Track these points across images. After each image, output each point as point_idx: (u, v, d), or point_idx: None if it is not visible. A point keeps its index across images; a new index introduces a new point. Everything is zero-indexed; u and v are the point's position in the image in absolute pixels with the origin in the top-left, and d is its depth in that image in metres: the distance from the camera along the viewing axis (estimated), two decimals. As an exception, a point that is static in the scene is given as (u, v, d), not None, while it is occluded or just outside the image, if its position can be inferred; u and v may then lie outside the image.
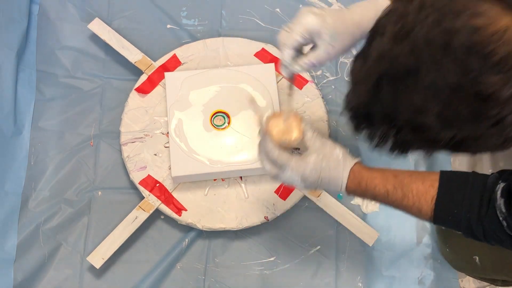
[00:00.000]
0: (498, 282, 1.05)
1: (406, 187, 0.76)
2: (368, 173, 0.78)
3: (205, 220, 1.08)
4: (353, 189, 0.79)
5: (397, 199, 0.76)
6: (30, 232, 1.10)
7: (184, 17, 1.26)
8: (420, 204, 0.75)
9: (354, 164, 0.78)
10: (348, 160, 0.79)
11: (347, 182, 0.78)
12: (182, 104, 1.11)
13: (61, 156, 1.15)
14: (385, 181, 0.77)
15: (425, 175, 0.77)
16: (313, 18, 0.78)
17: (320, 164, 0.78)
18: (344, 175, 0.78)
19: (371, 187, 0.77)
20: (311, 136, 0.81)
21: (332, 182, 0.78)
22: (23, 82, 1.18)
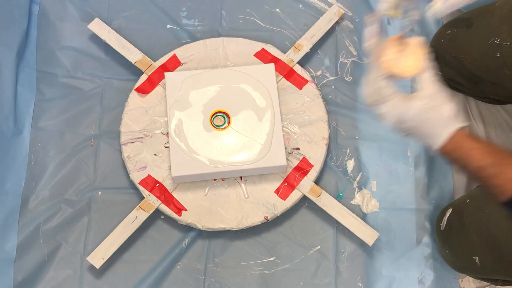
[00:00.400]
0: (498, 282, 1.05)
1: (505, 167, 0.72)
2: (469, 143, 0.73)
3: (205, 220, 1.08)
4: (446, 152, 0.74)
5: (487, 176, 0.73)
6: (30, 232, 1.10)
7: (184, 17, 1.26)
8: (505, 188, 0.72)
9: (459, 128, 0.74)
10: (454, 122, 0.74)
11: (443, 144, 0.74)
12: (182, 104, 1.11)
13: (61, 156, 1.15)
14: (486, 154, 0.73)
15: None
16: None
17: (423, 114, 0.73)
18: (444, 136, 0.73)
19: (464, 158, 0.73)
20: (427, 78, 0.75)
21: (428, 137, 0.74)
22: (23, 82, 1.18)
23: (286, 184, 1.10)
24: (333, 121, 1.19)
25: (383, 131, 1.19)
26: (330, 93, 1.21)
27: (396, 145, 1.19)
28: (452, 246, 1.04)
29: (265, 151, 1.08)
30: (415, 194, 1.15)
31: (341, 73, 1.23)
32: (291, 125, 1.14)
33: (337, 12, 1.23)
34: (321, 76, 1.23)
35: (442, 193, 1.16)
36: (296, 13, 1.26)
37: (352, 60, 1.24)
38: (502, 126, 1.22)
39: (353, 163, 1.16)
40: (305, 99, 1.16)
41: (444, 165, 1.18)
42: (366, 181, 1.16)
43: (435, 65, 0.69)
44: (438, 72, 1.17)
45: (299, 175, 1.10)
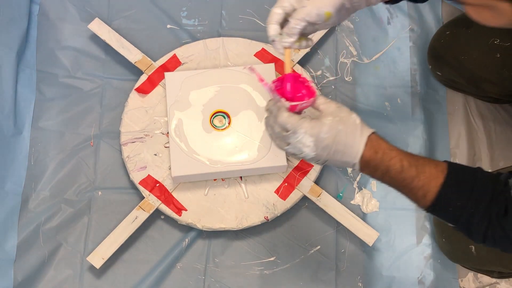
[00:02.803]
0: (494, 274, 1.05)
1: (421, 167, 0.73)
2: (385, 144, 0.74)
3: (205, 220, 1.08)
4: (367, 159, 0.73)
5: (409, 177, 0.73)
6: (30, 232, 1.10)
7: (184, 17, 1.26)
8: (428, 187, 0.73)
9: (372, 133, 0.74)
10: (366, 128, 0.74)
11: (363, 150, 0.73)
12: (182, 104, 1.11)
13: (61, 156, 1.15)
14: (402, 155, 0.74)
15: (437, 162, 0.75)
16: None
17: (336, 126, 0.72)
18: (362, 141, 0.73)
19: (387, 159, 0.73)
20: (325, 100, 0.76)
21: (347, 148, 0.73)
22: (23, 82, 1.18)
23: (286, 184, 1.10)
24: (333, 121, 1.19)
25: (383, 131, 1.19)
26: (330, 93, 1.21)
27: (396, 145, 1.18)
28: (449, 235, 1.04)
29: (265, 151, 1.08)
30: (415, 194, 1.15)
31: (341, 73, 1.23)
32: (291, 125, 1.14)
33: (337, 12, 1.23)
34: (321, 76, 1.23)
35: (442, 193, 1.15)
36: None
37: (352, 60, 1.24)
38: (502, 125, 1.22)
39: None
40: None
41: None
42: (366, 181, 1.16)
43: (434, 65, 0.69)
44: (438, 72, 1.18)
45: (299, 175, 1.10)
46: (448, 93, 1.24)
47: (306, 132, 0.73)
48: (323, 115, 0.74)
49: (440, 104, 1.23)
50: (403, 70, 1.24)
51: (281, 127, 0.74)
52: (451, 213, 0.74)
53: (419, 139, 1.19)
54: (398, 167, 0.73)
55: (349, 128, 0.73)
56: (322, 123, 0.73)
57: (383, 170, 0.74)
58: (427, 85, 1.23)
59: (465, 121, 1.22)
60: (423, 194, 0.74)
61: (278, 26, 0.79)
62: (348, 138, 0.73)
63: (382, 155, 0.73)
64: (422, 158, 0.75)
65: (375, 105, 1.21)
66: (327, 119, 0.73)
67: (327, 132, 0.72)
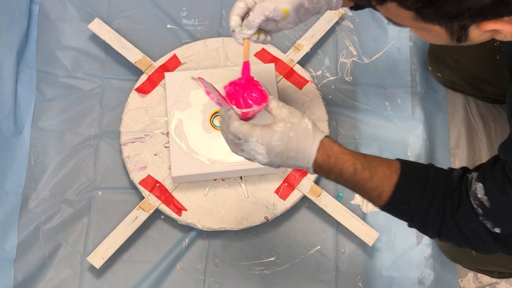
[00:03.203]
0: (494, 274, 1.05)
1: (374, 169, 0.74)
2: (338, 148, 0.74)
3: (205, 220, 1.08)
4: (320, 164, 0.73)
5: (363, 179, 0.74)
6: (30, 232, 1.10)
7: (184, 17, 1.26)
8: (382, 187, 0.74)
9: (324, 137, 0.74)
10: (318, 132, 0.74)
11: (316, 155, 0.73)
12: (182, 104, 1.11)
13: (61, 156, 1.15)
14: (355, 159, 0.74)
15: (390, 162, 0.76)
16: None
17: (287, 133, 0.72)
18: (314, 146, 0.73)
19: (340, 163, 0.74)
20: (276, 104, 0.75)
21: (300, 154, 0.73)
22: (23, 82, 1.18)
23: (286, 184, 1.10)
24: (333, 121, 1.19)
25: (383, 131, 1.19)
26: (330, 93, 1.21)
27: (396, 145, 1.19)
28: None
29: (265, 151, 1.08)
30: (415, 194, 1.15)
31: (341, 73, 1.23)
32: (291, 125, 1.14)
33: (337, 12, 1.23)
34: (321, 76, 1.23)
35: (442, 193, 1.15)
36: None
37: (352, 60, 1.24)
38: (502, 126, 1.22)
39: None
40: (305, 99, 1.16)
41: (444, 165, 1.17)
42: (366, 181, 1.16)
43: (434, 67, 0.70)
44: (438, 74, 1.18)
45: (299, 175, 1.10)
46: (448, 93, 1.24)
47: (257, 141, 0.72)
48: (275, 121, 0.73)
49: (440, 104, 1.23)
50: (403, 70, 1.24)
51: (233, 135, 0.74)
52: (406, 211, 0.75)
53: (419, 139, 1.19)
54: (351, 170, 0.74)
55: (300, 134, 0.73)
56: (273, 131, 0.72)
57: (337, 173, 0.74)
58: (427, 85, 1.23)
59: (465, 121, 1.22)
60: (377, 194, 0.75)
61: (239, 18, 0.82)
62: (300, 144, 0.73)
63: (335, 159, 0.74)
64: (375, 159, 0.76)
65: (375, 105, 1.21)
66: (278, 126, 0.72)
67: (279, 140, 0.72)
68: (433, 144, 1.20)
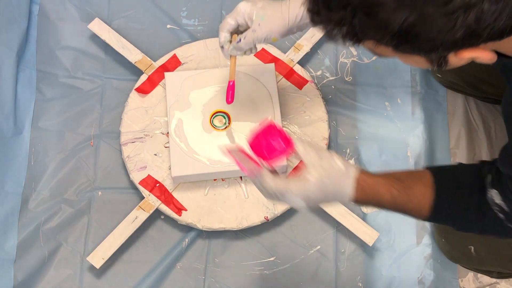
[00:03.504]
0: (493, 274, 1.05)
1: (410, 190, 0.75)
2: (372, 179, 0.75)
3: (205, 220, 1.08)
4: (358, 199, 0.75)
5: (402, 202, 0.75)
6: (30, 232, 1.10)
7: (184, 17, 1.26)
8: (422, 205, 0.76)
9: (357, 173, 0.75)
10: (350, 169, 0.74)
11: (353, 192, 0.74)
12: (182, 104, 1.11)
13: (61, 156, 1.15)
14: (390, 185, 0.75)
15: (422, 176, 0.77)
16: (245, 3, 0.87)
17: (322, 179, 0.72)
18: (350, 186, 0.73)
19: (377, 193, 0.75)
20: (303, 149, 0.75)
21: (337, 195, 0.74)
22: (23, 82, 1.18)
23: (286, 184, 1.10)
24: (333, 121, 1.19)
25: (383, 131, 1.19)
26: (330, 93, 1.21)
27: (396, 145, 1.19)
28: (448, 235, 1.04)
29: (265, 151, 1.08)
30: (415, 194, 1.15)
31: (341, 73, 1.23)
32: (291, 125, 1.14)
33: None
34: (321, 76, 1.23)
35: (442, 193, 1.15)
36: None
37: (352, 60, 1.24)
38: (502, 126, 1.22)
39: (353, 163, 1.16)
40: (305, 99, 1.16)
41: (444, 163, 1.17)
42: (366, 181, 1.16)
43: None
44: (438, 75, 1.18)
45: (299, 175, 1.10)
46: (448, 93, 1.24)
47: (294, 194, 0.73)
48: (306, 168, 0.73)
49: (440, 104, 1.23)
50: (403, 70, 1.24)
51: (269, 193, 0.75)
52: (448, 220, 0.77)
53: (419, 139, 1.19)
54: (389, 197, 0.75)
55: (334, 177, 0.73)
56: (307, 182, 0.72)
57: (375, 203, 0.76)
58: (427, 85, 1.23)
59: (465, 121, 1.22)
60: (418, 212, 0.77)
61: (228, 34, 0.89)
62: (336, 187, 0.73)
63: (371, 191, 0.74)
64: (407, 177, 0.77)
65: (375, 105, 1.21)
66: (311, 175, 0.72)
67: (314, 190, 0.72)
68: (433, 144, 1.20)
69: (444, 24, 0.52)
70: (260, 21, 0.85)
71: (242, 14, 0.87)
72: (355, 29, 0.56)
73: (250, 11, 0.86)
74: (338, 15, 0.56)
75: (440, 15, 0.52)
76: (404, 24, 0.53)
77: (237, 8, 0.88)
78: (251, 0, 0.87)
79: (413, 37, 0.55)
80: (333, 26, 0.58)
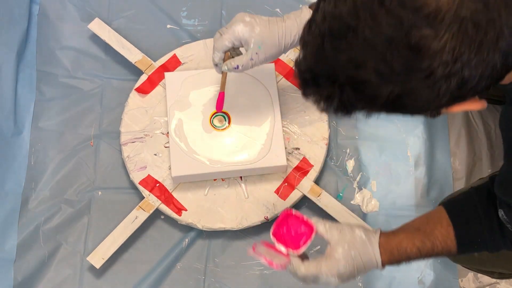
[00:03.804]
0: (495, 275, 1.05)
1: (432, 236, 0.80)
2: (394, 239, 0.80)
3: (205, 220, 1.08)
4: (387, 262, 0.80)
5: (428, 251, 0.80)
6: (30, 232, 1.10)
7: (184, 17, 1.26)
8: (447, 246, 0.80)
9: (379, 238, 0.80)
10: (372, 236, 0.80)
11: (381, 258, 0.79)
12: (182, 104, 1.11)
13: (61, 156, 1.15)
14: (412, 239, 0.80)
15: (437, 215, 0.82)
16: (243, 27, 0.87)
17: (349, 254, 0.78)
18: (376, 254, 0.79)
19: (404, 251, 0.79)
20: (324, 228, 0.80)
21: (367, 265, 0.79)
22: (23, 82, 1.18)
23: (286, 184, 1.10)
24: (333, 121, 1.19)
25: (383, 131, 1.19)
26: (330, 93, 1.21)
27: (396, 145, 1.19)
28: None
29: (265, 151, 1.08)
30: (415, 194, 1.15)
31: (341, 73, 1.23)
32: (291, 125, 1.14)
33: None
34: (321, 76, 1.22)
35: (442, 193, 1.16)
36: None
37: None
38: (502, 126, 1.22)
39: (353, 163, 1.16)
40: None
41: (444, 165, 1.18)
42: (366, 181, 1.16)
43: None
44: None
45: (299, 175, 1.10)
46: (448, 93, 1.23)
47: (327, 275, 0.78)
48: (332, 247, 0.79)
49: (440, 104, 1.23)
50: (403, 70, 1.24)
51: (303, 279, 0.80)
52: (477, 248, 0.82)
53: (419, 139, 1.19)
54: (415, 251, 0.79)
55: (360, 249, 0.78)
56: (336, 260, 0.78)
57: (405, 259, 0.80)
58: (427, 85, 1.23)
59: (465, 121, 1.22)
60: (447, 252, 0.81)
61: (223, 54, 0.91)
62: (364, 257, 0.78)
63: (397, 251, 0.79)
64: (425, 224, 0.81)
65: (375, 105, 1.21)
66: (338, 253, 0.78)
67: (345, 266, 0.78)
68: (433, 144, 1.20)
69: (428, 94, 0.54)
70: (257, 50, 0.88)
71: (239, 38, 0.88)
72: (345, 103, 0.58)
73: (248, 38, 0.87)
74: (326, 91, 0.59)
75: (423, 87, 0.54)
76: (390, 97, 0.55)
77: (235, 31, 0.88)
78: (248, 23, 0.88)
79: (400, 106, 0.57)
80: (324, 101, 0.60)
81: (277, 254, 0.81)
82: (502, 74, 0.56)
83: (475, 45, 0.51)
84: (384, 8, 0.52)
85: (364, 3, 0.53)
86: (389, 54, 0.52)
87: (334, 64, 0.56)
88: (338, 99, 0.58)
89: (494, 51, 0.52)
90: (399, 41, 0.52)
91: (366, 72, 0.54)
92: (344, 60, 0.55)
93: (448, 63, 0.52)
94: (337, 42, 0.55)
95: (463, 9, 0.50)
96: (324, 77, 0.58)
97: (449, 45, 0.51)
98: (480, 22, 0.51)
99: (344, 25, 0.54)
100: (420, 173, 1.16)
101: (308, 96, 0.62)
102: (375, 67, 0.53)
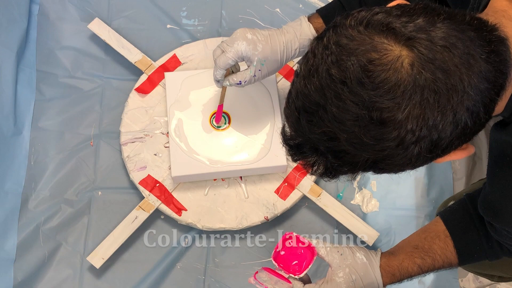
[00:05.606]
0: (494, 278, 1.05)
1: (431, 252, 0.81)
2: (395, 260, 0.81)
3: (205, 220, 1.08)
4: (389, 282, 0.81)
5: (429, 267, 0.81)
6: (30, 232, 1.10)
7: (184, 17, 1.26)
8: (448, 259, 0.81)
9: (380, 260, 0.81)
10: (373, 259, 0.81)
11: (382, 280, 0.81)
12: (182, 104, 1.11)
13: (61, 156, 1.15)
14: (412, 258, 0.81)
15: (435, 229, 0.83)
16: (246, 46, 0.88)
17: (350, 277, 0.80)
18: (378, 276, 0.80)
19: (405, 271, 0.81)
20: (325, 251, 0.82)
21: (369, 287, 0.81)
22: (23, 82, 1.18)
23: (286, 184, 1.10)
24: (333, 121, 1.19)
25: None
26: (330, 93, 1.21)
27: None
28: None
29: (265, 151, 1.08)
30: (415, 194, 1.15)
31: (341, 73, 1.23)
32: (291, 125, 1.14)
33: (337, 12, 1.23)
34: (321, 76, 1.22)
35: (442, 193, 1.16)
36: (296, 13, 1.26)
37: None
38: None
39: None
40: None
41: (444, 165, 1.18)
42: (366, 181, 1.16)
43: None
44: None
45: (299, 175, 1.10)
46: (448, 93, 1.23)
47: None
48: (333, 270, 0.81)
49: (440, 104, 1.23)
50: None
51: None
52: (478, 257, 0.82)
53: (419, 139, 1.19)
54: (416, 269, 0.81)
55: (361, 272, 0.80)
56: (337, 284, 0.80)
57: (406, 278, 0.82)
58: (427, 85, 1.23)
59: (465, 121, 1.22)
60: (449, 264, 0.82)
61: (225, 71, 0.91)
62: (365, 280, 0.80)
63: (398, 272, 0.81)
64: (423, 240, 0.83)
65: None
66: (339, 277, 0.80)
67: (349, 286, 0.80)
68: (433, 144, 1.20)
69: (402, 158, 0.57)
70: (260, 67, 0.89)
71: (241, 56, 0.89)
72: (330, 169, 0.62)
73: (252, 56, 0.88)
74: (312, 159, 0.62)
75: (396, 153, 0.56)
76: (368, 162, 0.58)
77: (238, 50, 0.88)
78: (251, 42, 0.88)
79: (380, 169, 0.60)
80: (310, 167, 0.63)
81: (279, 279, 0.82)
82: (482, 123, 0.57)
83: (439, 111, 0.53)
84: (347, 87, 0.54)
85: (328, 84, 0.55)
86: (358, 129, 0.55)
87: (311, 137, 0.59)
88: (323, 166, 0.62)
89: (461, 112, 0.54)
90: (363, 117, 0.54)
91: (341, 143, 0.57)
92: (319, 133, 0.58)
93: (415, 131, 0.54)
94: (310, 117, 0.58)
95: (421, 80, 0.52)
96: (308, 147, 0.61)
97: (412, 114, 0.53)
98: (440, 90, 0.53)
99: (314, 103, 0.57)
100: (420, 173, 1.16)
101: (296, 161, 0.66)
102: (347, 139, 0.56)
